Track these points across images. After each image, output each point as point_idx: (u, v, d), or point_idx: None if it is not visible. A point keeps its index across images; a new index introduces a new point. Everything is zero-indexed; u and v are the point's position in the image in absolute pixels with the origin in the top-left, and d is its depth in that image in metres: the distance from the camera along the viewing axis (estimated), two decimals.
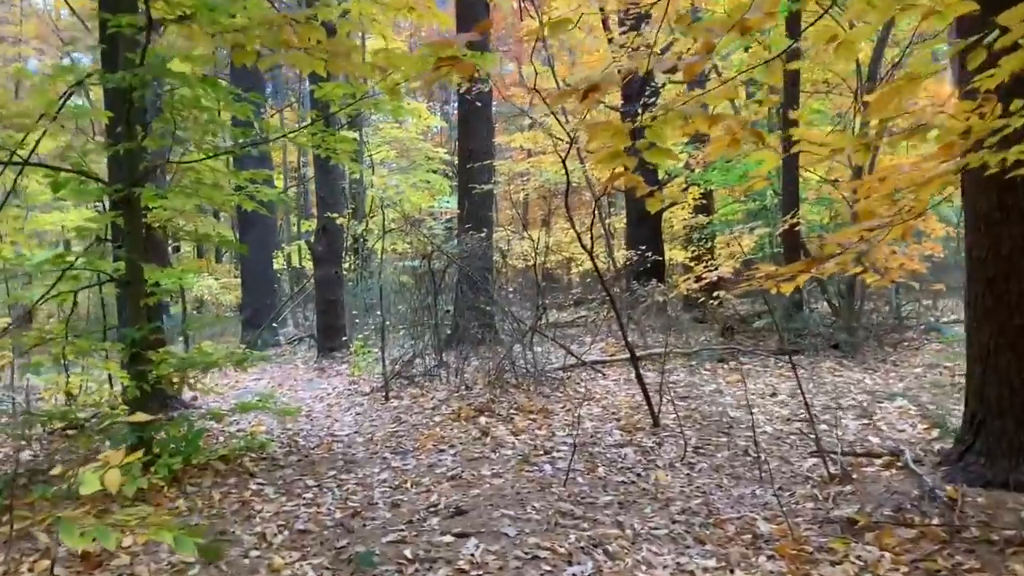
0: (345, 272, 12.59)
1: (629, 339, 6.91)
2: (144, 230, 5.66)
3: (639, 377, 6.29)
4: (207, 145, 5.52)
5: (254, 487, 4.99)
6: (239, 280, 14.11)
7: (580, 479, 4.94)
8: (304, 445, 6.26)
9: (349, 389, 9.09)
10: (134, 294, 5.43)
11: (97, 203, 5.94)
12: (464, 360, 8.79)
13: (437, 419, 6.86)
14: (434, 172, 20.04)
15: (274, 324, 12.95)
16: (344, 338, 11.34)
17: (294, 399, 8.93)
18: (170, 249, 27.36)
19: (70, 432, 6.58)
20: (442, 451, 5.87)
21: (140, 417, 3.83)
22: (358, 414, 7.56)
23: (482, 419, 6.69)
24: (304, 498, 4.81)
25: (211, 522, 4.31)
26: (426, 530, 4.15)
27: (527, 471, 5.18)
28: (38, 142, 5.51)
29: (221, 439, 6.48)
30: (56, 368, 6.26)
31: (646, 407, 6.42)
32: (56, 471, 5.61)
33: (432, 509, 4.49)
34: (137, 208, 5.46)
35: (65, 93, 5.49)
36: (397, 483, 5.12)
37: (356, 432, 6.72)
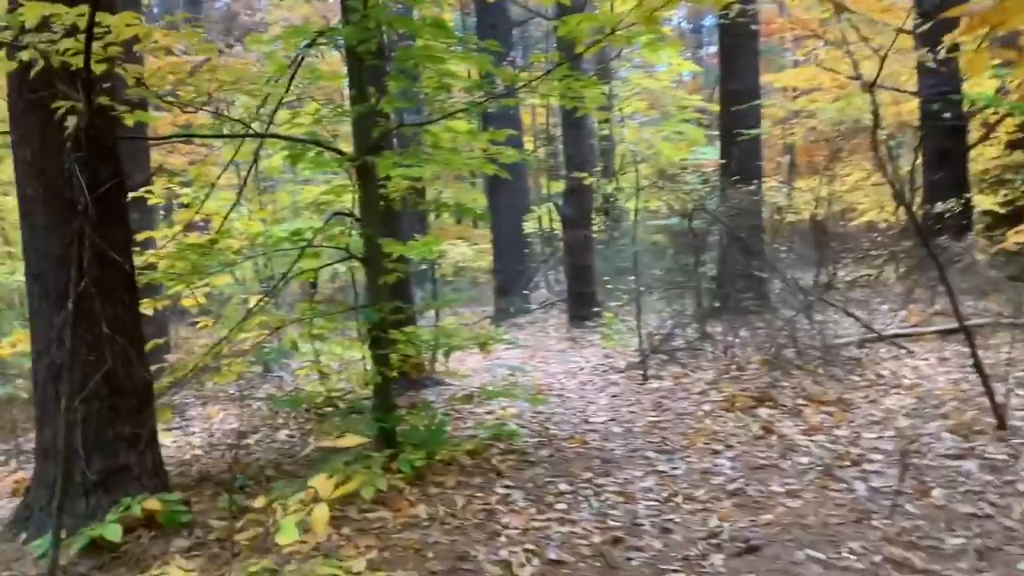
0: (595, 234, 11.86)
1: (942, 306, 5.47)
2: (382, 201, 5.20)
3: (976, 359, 4.86)
4: (441, 102, 4.91)
5: (501, 491, 4.35)
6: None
7: (910, 507, 3.77)
8: (556, 435, 5.57)
9: (603, 364, 8.34)
10: (373, 272, 4.99)
11: (335, 173, 5.58)
12: (733, 333, 7.70)
13: (706, 408, 5.89)
14: (687, 122, 18.70)
15: (525, 291, 12.53)
16: (595, 308, 10.61)
17: (546, 373, 8.36)
18: (432, 217, 28.38)
19: (327, 410, 6.44)
20: (716, 453, 4.91)
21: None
22: (613, 396, 6.77)
23: (762, 410, 5.63)
24: (556, 509, 4.09)
25: (451, 540, 3.71)
26: (708, 573, 3.25)
27: (833, 490, 4.09)
28: (275, 111, 5.22)
29: (470, 423, 5.98)
30: (308, 346, 6.08)
31: (980, 400, 5.01)
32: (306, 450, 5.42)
33: (713, 540, 3.58)
34: (372, 178, 4.99)
35: (297, 57, 5.13)
36: (664, 495, 4.25)
37: (612, 420, 5.93)
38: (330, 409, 6.14)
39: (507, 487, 4.42)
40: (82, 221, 3.21)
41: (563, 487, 4.42)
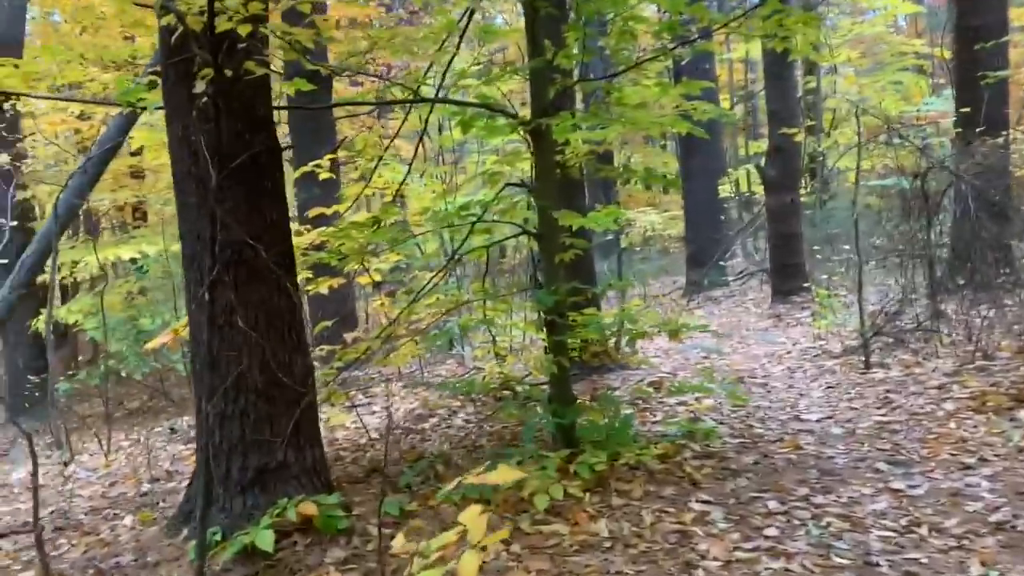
0: (802, 198, 10.67)
1: None
2: (559, 169, 4.64)
3: None
4: (627, 53, 4.24)
5: (697, 507, 3.70)
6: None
7: None
8: (762, 435, 4.81)
9: (814, 347, 7.37)
10: (548, 248, 4.45)
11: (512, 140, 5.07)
12: (976, 314, 6.49)
13: (947, 407, 4.88)
14: (905, 70, 16.69)
15: (720, 261, 11.58)
16: (803, 281, 9.52)
17: (746, 356, 7.52)
18: (620, 184, 27.62)
19: (504, 394, 6.03)
20: (967, 468, 3.97)
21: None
22: (829, 387, 5.87)
23: (1022, 413, 4.56)
24: (765, 536, 3.38)
25: (636, 570, 3.13)
26: None
27: None
28: (444, 73, 4.78)
29: (659, 416, 5.34)
30: (483, 328, 5.68)
31: None
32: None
33: None
34: (548, 143, 4.44)
35: (466, 11, 4.65)
36: (903, 522, 3.42)
37: (830, 418, 5.07)
38: (508, 393, 5.71)
39: (704, 502, 3.76)
40: (212, 200, 2.88)
41: (773, 505, 3.69)
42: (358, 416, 5.44)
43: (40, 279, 7.26)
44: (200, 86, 2.83)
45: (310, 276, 5.26)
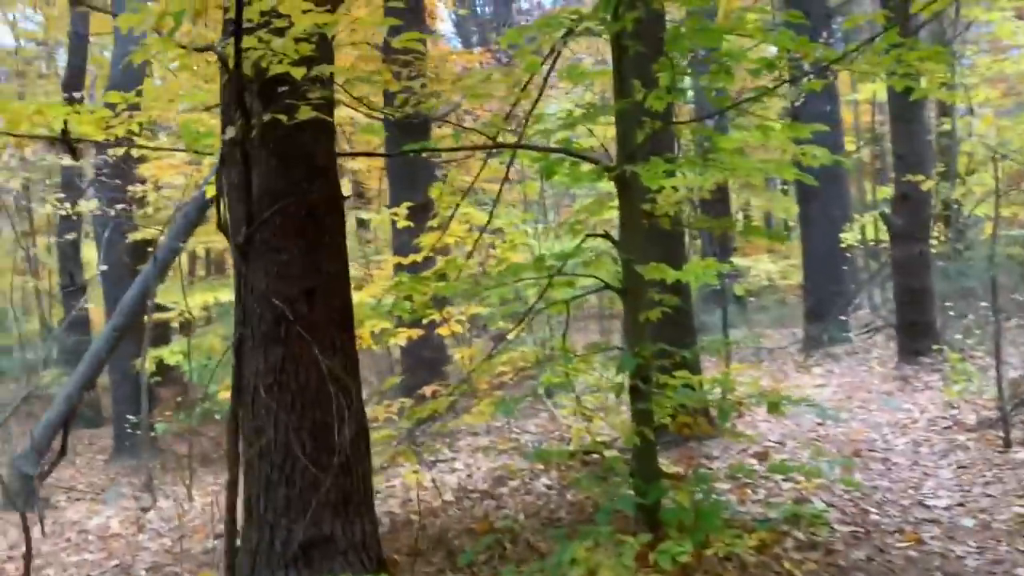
0: (933, 249, 9.78)
1: None
2: (648, 218, 4.26)
3: None
4: (721, 92, 3.84)
5: None
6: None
7: None
8: (878, 523, 4.20)
9: (944, 416, 6.59)
10: (632, 305, 4.06)
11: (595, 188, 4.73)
12: None
13: None
14: None
15: (841, 315, 10.74)
16: (934, 341, 8.65)
17: (865, 424, 6.80)
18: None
19: (592, 457, 5.61)
20: None
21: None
22: (960, 467, 5.15)
23: None
24: None
25: None
26: None
27: None
28: (528, 117, 4.50)
29: (760, 493, 4.80)
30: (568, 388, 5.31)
31: None
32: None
33: None
34: (634, 191, 4.08)
35: (552, 51, 4.38)
36: None
37: (960, 506, 4.40)
38: (595, 456, 5.29)
39: None
40: (236, 258, 2.67)
41: None
42: (433, 478, 5.15)
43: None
44: (230, 132, 2.65)
45: (387, 326, 5.05)
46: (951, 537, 3.97)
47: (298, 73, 2.97)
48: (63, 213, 9.77)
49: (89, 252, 12.73)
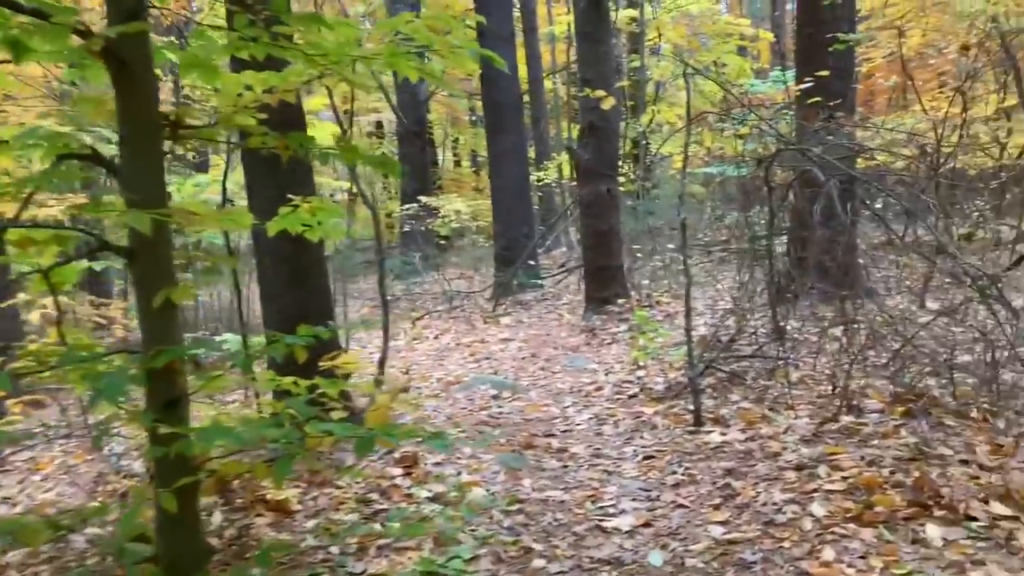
0: (622, 188, 9.09)
1: None
2: (167, 128, 2.54)
3: None
4: None
5: None
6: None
7: None
8: (543, 570, 2.97)
9: (630, 380, 5.70)
10: (144, 277, 2.38)
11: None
12: (824, 337, 5.04)
13: (817, 510, 3.19)
14: (740, 52, 15.94)
15: (530, 260, 9.80)
16: (622, 287, 7.92)
17: (547, 392, 5.76)
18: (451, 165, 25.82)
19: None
20: None
21: None
22: (647, 458, 4.14)
23: (933, 528, 2.94)
24: None
25: None
26: None
27: None
28: None
29: (388, 540, 3.39)
30: None
31: None
32: None
33: None
34: (141, 80, 2.36)
35: None
36: None
37: (647, 526, 3.30)
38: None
39: None
40: None
41: None
42: None
43: None
44: None
45: None
46: (639, 566, 2.84)
47: None
48: None
49: None
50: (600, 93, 6.99)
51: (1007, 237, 7.83)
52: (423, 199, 13.14)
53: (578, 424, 4.91)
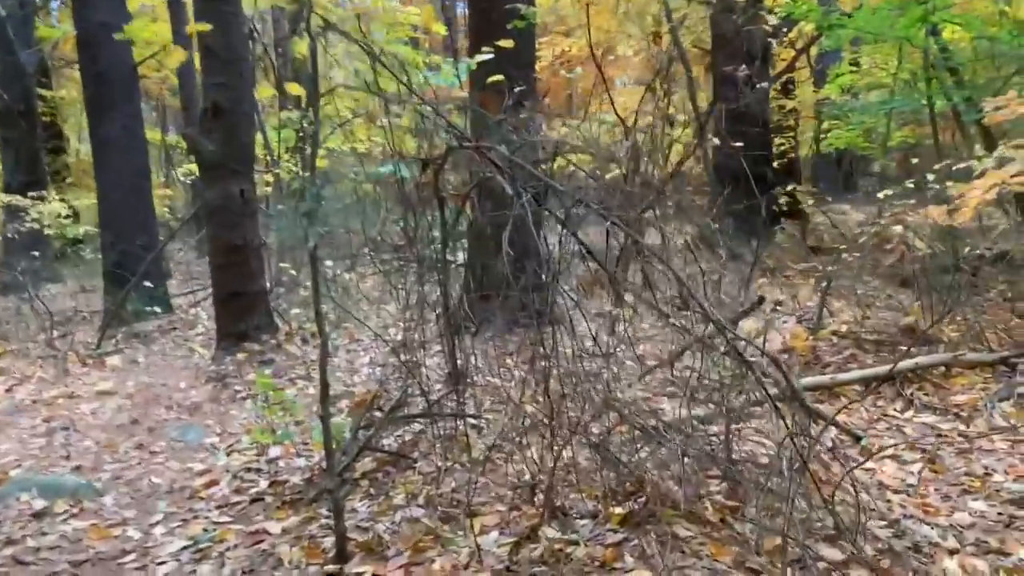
0: (268, 187, 7.27)
1: None
2: None
3: None
4: None
5: None
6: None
7: None
8: None
9: (259, 468, 4.02)
10: None
11: None
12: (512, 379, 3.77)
13: None
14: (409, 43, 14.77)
15: (149, 282, 7.55)
16: (266, 318, 6.16)
17: (132, 494, 3.89)
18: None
19: None
20: None
21: None
22: None
23: None
24: None
25: None
26: None
27: None
28: None
29: None
30: None
31: None
32: None
33: None
34: None
35: None
36: None
37: None
38: None
39: None
40: None
41: None
42: None
43: None
44: None
45: None
46: None
47: None
48: None
49: None
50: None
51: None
52: (33, 195, 10.25)
53: (161, 563, 3.13)
